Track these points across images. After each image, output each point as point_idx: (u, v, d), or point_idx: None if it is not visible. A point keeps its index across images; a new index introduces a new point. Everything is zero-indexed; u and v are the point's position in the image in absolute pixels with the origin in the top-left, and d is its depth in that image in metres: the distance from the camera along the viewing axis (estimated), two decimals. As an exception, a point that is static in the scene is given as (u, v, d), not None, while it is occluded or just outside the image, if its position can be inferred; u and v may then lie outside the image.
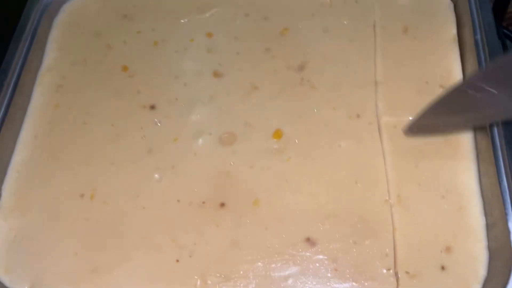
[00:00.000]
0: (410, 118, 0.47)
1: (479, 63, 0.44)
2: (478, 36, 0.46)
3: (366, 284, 0.41)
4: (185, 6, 0.57)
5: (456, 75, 0.48)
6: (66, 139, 0.51)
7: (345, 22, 0.54)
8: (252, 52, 0.54)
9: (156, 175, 0.48)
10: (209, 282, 0.42)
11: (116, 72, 0.54)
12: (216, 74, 0.53)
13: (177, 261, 0.43)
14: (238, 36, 0.55)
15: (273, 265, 0.42)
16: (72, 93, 0.54)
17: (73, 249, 0.45)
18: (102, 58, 0.55)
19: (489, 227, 0.41)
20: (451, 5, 0.52)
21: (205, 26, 0.56)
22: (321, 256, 0.42)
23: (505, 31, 0.99)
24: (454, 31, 0.50)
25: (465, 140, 0.45)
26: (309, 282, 0.41)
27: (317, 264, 0.42)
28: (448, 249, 0.41)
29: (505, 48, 0.49)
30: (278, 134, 0.49)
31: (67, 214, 0.47)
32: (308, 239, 0.43)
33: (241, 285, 0.42)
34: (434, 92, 0.48)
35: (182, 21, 0.57)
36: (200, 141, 0.49)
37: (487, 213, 0.41)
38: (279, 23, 0.55)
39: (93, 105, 0.53)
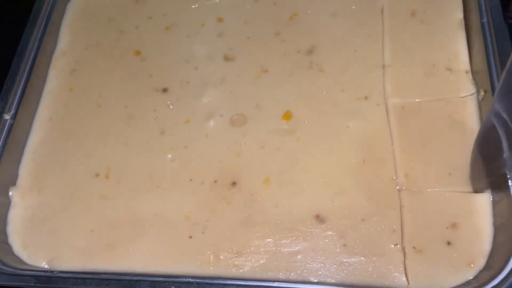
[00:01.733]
0: (417, 100, 0.48)
1: (486, 46, 0.45)
2: (485, 20, 0.46)
3: (374, 258, 0.42)
4: (196, -8, 0.58)
5: (463, 58, 0.49)
6: (81, 121, 0.52)
7: (353, 6, 0.54)
8: (262, 36, 0.55)
9: (169, 155, 0.49)
10: (221, 257, 0.43)
11: (129, 56, 0.55)
12: (227, 58, 0.54)
13: (190, 237, 0.45)
14: (248, 21, 0.56)
15: (283, 241, 0.44)
16: (85, 76, 0.55)
17: (89, 226, 0.46)
18: (115, 43, 0.57)
19: (494, 203, 0.42)
20: (458, -11, 0.53)
21: (216, 11, 0.57)
22: (330, 232, 0.44)
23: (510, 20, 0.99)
24: (460, 14, 0.51)
25: (472, 120, 0.46)
26: (319, 257, 0.43)
27: (326, 240, 0.43)
28: (454, 226, 0.42)
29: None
30: (287, 115, 0.50)
31: (82, 193, 0.48)
32: (317, 216, 0.45)
33: (253, 260, 0.43)
34: (441, 75, 0.49)
35: (193, 6, 0.58)
36: (212, 122, 0.50)
37: (493, 191, 0.42)
38: (288, 8, 0.56)
39: (107, 88, 0.54)
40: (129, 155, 0.49)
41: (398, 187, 0.45)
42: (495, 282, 0.37)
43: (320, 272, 0.42)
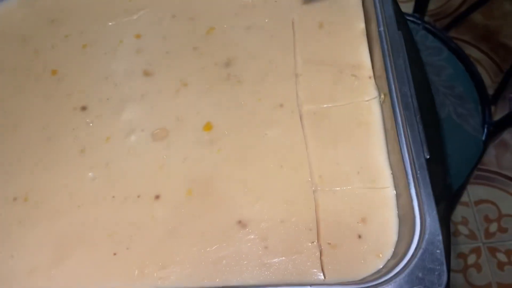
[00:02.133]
0: (328, 105, 0.52)
1: (383, 52, 0.50)
2: (381, 28, 0.51)
3: (293, 257, 0.44)
4: (113, 9, 0.59)
5: (365, 65, 0.53)
6: (-4, 144, 0.51)
7: (266, 20, 0.57)
8: (180, 51, 0.56)
9: (90, 174, 0.49)
10: (146, 271, 0.44)
11: (45, 77, 0.55)
12: (146, 73, 0.55)
13: (115, 254, 0.45)
14: (166, 36, 0.57)
15: (208, 249, 0.45)
16: (2, 99, 0.54)
17: (8, 252, 0.45)
18: (30, 64, 0.56)
19: (397, 197, 0.46)
20: (360, 2, 0.57)
21: (133, 28, 0.58)
22: (252, 236, 0.45)
23: (427, 26, 1.08)
24: (362, 25, 0.55)
25: (375, 121, 0.50)
26: (242, 261, 0.44)
27: (249, 244, 0.45)
28: (363, 220, 0.46)
29: (409, 38, 0.55)
30: (208, 126, 0.51)
31: (0, 218, 0.47)
32: (239, 222, 0.46)
33: (177, 271, 0.44)
34: (347, 81, 0.53)
35: (110, 23, 0.58)
36: (133, 138, 0.51)
37: (395, 184, 0.46)
38: (205, 23, 0.58)
39: (24, 110, 0.53)
40: (48, 177, 0.49)
41: (313, 188, 0.47)
42: (399, 268, 0.41)
43: (243, 275, 0.44)
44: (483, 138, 0.98)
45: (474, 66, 1.08)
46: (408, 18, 1.09)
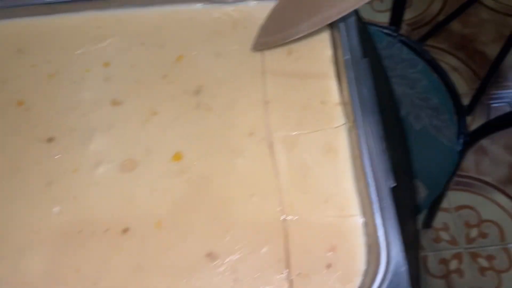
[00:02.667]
0: (297, 132, 0.52)
1: (349, 80, 0.50)
2: (347, 57, 0.51)
3: (263, 290, 0.44)
4: (80, 38, 0.58)
5: (333, 92, 0.54)
6: (-41, 179, 0.50)
7: (235, 47, 0.57)
8: (149, 79, 0.56)
9: (56, 208, 0.48)
10: (114, 308, 0.43)
11: (11, 108, 0.54)
12: (115, 103, 0.54)
13: (82, 291, 0.44)
14: (135, 64, 0.57)
15: (177, 284, 0.45)
16: (-36, 131, 0.53)
17: (-30, 293, 0.44)
18: (-4, 94, 0.55)
19: (365, 225, 0.46)
20: (328, 29, 0.58)
21: (102, 56, 0.57)
22: (221, 269, 0.45)
23: (402, 38, 1.10)
24: (330, 52, 0.56)
25: (343, 149, 0.50)
26: (212, 295, 0.44)
27: (219, 277, 0.45)
28: (332, 249, 0.46)
29: (377, 62, 0.55)
30: (177, 156, 0.51)
31: (-38, 258, 0.46)
32: (209, 254, 0.46)
33: (146, 307, 0.43)
34: (316, 108, 0.53)
35: (77, 52, 0.57)
36: (101, 169, 0.50)
37: (363, 212, 0.47)
38: (174, 50, 0.57)
39: (-12, 143, 0.52)
40: (14, 212, 0.48)
41: (283, 218, 0.48)
42: (366, 298, 0.41)
43: (213, 310, 0.43)
44: (459, 148, 0.99)
45: (449, 77, 1.10)
46: (384, 31, 1.11)
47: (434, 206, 1.27)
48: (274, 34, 0.50)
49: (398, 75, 1.05)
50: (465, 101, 1.07)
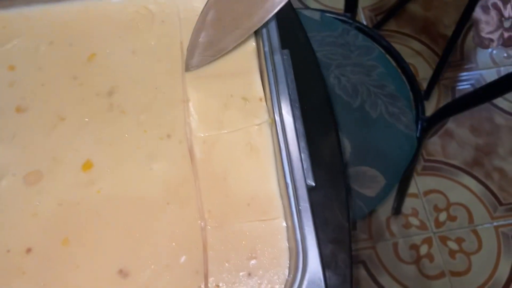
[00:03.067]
0: (218, 132, 0.48)
1: (268, 74, 0.47)
2: (267, 48, 0.48)
3: (178, 306, 0.41)
4: (-18, 39, 0.53)
5: (256, 87, 0.50)
6: None
7: (152, 42, 0.53)
8: (58, 82, 0.51)
9: (-50, 230, 0.44)
10: (13, 337, 0.40)
11: None
12: (19, 109, 0.50)
13: (-22, 321, 0.40)
14: (42, 66, 0.52)
15: (85, 305, 0.41)
16: None
17: None
18: None
19: (287, 229, 0.43)
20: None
21: (7, 59, 0.52)
22: (134, 286, 0.42)
23: (358, 24, 1.07)
24: (253, 44, 0.52)
25: (266, 147, 0.47)
26: (122, 316, 0.41)
27: (132, 295, 0.42)
28: (254, 256, 0.43)
29: (308, 52, 0.52)
30: (87, 165, 0.47)
31: None
32: (120, 271, 0.42)
33: (49, 333, 0.40)
34: (238, 104, 0.50)
35: (-21, 56, 0.53)
36: (3, 183, 0.46)
37: (285, 215, 0.44)
38: (85, 48, 0.53)
39: None
40: None
41: (201, 226, 0.44)
42: (287, 308, 0.38)
43: (124, 332, 0.40)
44: (417, 134, 0.98)
45: (406, 63, 1.08)
46: (339, 17, 1.08)
47: (402, 192, 1.26)
48: (202, 53, 0.49)
49: (353, 63, 1.03)
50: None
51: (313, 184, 0.41)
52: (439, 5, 1.71)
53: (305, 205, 0.40)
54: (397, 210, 1.33)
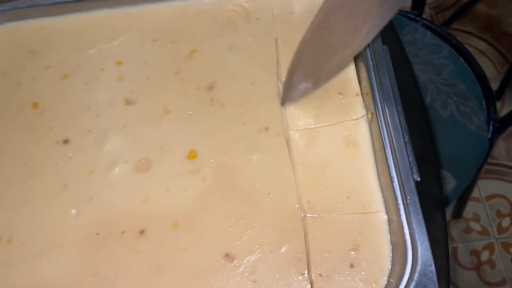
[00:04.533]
0: (314, 126, 0.50)
1: (368, 69, 0.47)
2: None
3: (283, 291, 0.43)
4: (92, 37, 0.58)
5: (352, 82, 0.51)
6: (-22, 183, 0.50)
7: (248, 39, 0.56)
8: (162, 76, 0.54)
9: (72, 211, 0.47)
10: (132, 310, 0.43)
11: (26, 110, 0.54)
12: (128, 102, 0.53)
13: (100, 294, 0.44)
14: (147, 61, 0.56)
15: (195, 285, 0.44)
16: (-18, 135, 0.53)
17: (-8, 296, 0.44)
18: (11, 97, 0.55)
19: (389, 222, 0.44)
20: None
21: (114, 55, 0.56)
22: (240, 270, 0.44)
23: (426, 22, 1.05)
24: (348, 39, 0.53)
25: (364, 142, 0.48)
26: (230, 297, 0.43)
27: (237, 278, 0.44)
28: (355, 247, 0.44)
29: (400, 50, 0.52)
30: (192, 154, 0.50)
31: (-16, 260, 0.46)
32: (227, 255, 0.45)
33: (164, 309, 0.43)
34: (334, 99, 0.51)
35: (90, 51, 0.57)
36: (116, 170, 0.50)
37: (387, 209, 0.44)
38: (186, 45, 0.56)
39: (5, 145, 0.52)
40: (31, 215, 0.48)
41: (302, 215, 0.46)
42: (393, 298, 0.39)
43: (232, 312, 0.42)
44: (489, 135, 0.95)
45: (477, 62, 1.05)
46: (406, 15, 1.06)
47: (464, 196, 1.22)
48: (298, 86, 0.49)
49: (422, 61, 1.01)
50: (495, 85, 1.02)
51: (418, 178, 0.42)
52: (504, 3, 1.64)
53: (412, 199, 0.40)
54: (457, 214, 1.29)
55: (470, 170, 0.93)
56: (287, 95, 0.50)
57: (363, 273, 0.43)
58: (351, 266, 0.43)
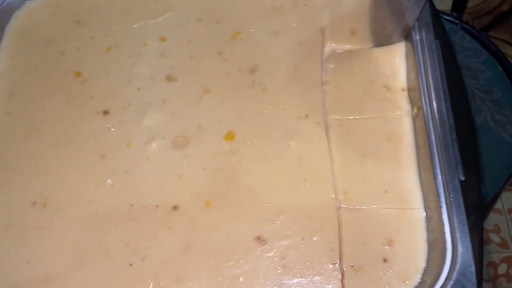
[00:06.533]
0: (356, 117, 0.49)
1: (417, 63, 0.46)
2: (417, 37, 0.47)
3: (313, 278, 0.42)
4: (138, 11, 0.58)
5: (400, 76, 0.50)
6: (18, 146, 0.51)
7: (294, 25, 0.55)
8: (204, 55, 0.54)
9: (109, 181, 0.48)
10: (161, 284, 0.43)
11: (69, 79, 0.54)
12: (169, 78, 0.53)
13: (130, 265, 0.44)
14: (190, 40, 0.56)
15: (224, 265, 0.44)
16: (24, 100, 0.54)
17: (26, 257, 0.45)
18: (55, 65, 0.55)
19: (427, 219, 0.43)
20: (395, 8, 0.54)
21: (158, 31, 0.57)
22: (270, 254, 0.44)
23: (465, 25, 1.03)
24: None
25: (407, 137, 0.47)
26: (259, 280, 0.43)
27: (268, 262, 0.43)
28: (390, 242, 0.43)
29: (448, 45, 0.51)
30: (230, 136, 0.50)
31: (19, 223, 0.47)
32: (258, 238, 0.45)
33: (193, 285, 0.43)
34: (379, 92, 0.50)
35: (135, 26, 0.57)
36: (153, 145, 0.50)
37: (426, 206, 0.43)
38: (230, 26, 0.56)
39: (46, 112, 0.53)
40: (67, 182, 0.48)
41: (337, 206, 0.45)
42: (427, 298, 0.38)
43: (260, 295, 0.42)
44: (522, 146, 0.92)
45: (515, 70, 1.02)
46: (445, 17, 1.04)
47: (488, 205, 1.20)
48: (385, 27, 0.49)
49: (459, 65, 0.99)
50: (532, 96, 0.99)
51: (463, 178, 0.41)
52: (544, 13, 1.59)
53: (456, 198, 0.39)
54: (478, 224, 1.27)
55: (499, 179, 0.91)
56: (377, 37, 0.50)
57: (396, 268, 0.42)
58: (384, 260, 0.42)
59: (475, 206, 0.46)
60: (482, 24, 1.53)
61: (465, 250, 0.38)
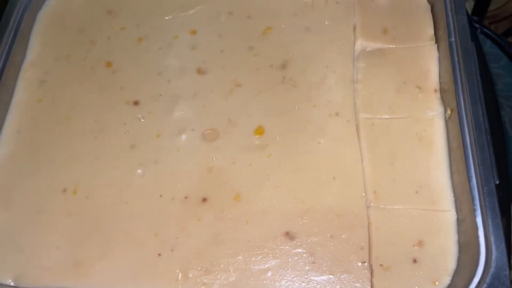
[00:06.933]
0: (387, 116, 0.49)
1: (453, 65, 0.46)
2: (453, 39, 0.47)
3: (342, 276, 0.42)
4: (170, 3, 0.58)
5: (433, 77, 0.50)
6: (49, 134, 0.51)
7: (326, 22, 0.55)
8: (235, 50, 0.54)
9: (139, 171, 0.48)
10: (190, 275, 0.43)
11: (100, 68, 0.54)
12: (200, 71, 0.54)
13: (159, 255, 0.44)
14: (221, 34, 0.56)
15: (253, 259, 0.44)
16: (55, 88, 0.54)
17: (55, 243, 0.45)
18: (86, 54, 0.56)
19: (459, 222, 0.43)
20: (429, 7, 0.53)
21: (189, 24, 0.57)
22: (299, 250, 0.44)
23: (486, 30, 1.02)
24: (431, 32, 0.52)
25: (439, 138, 0.47)
26: (288, 275, 0.43)
27: (296, 258, 0.44)
28: (420, 243, 0.43)
29: (478, 49, 0.51)
30: (260, 130, 0.50)
31: (49, 208, 0.47)
32: (287, 233, 0.45)
33: (222, 278, 0.43)
34: (411, 92, 0.50)
35: (166, 18, 0.57)
36: (183, 137, 0.50)
37: (457, 208, 0.43)
38: (262, 22, 0.56)
39: (77, 100, 0.53)
40: (98, 170, 0.49)
41: (366, 204, 0.45)
42: (458, 300, 0.38)
43: (288, 290, 0.42)
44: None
45: (536, 77, 1.01)
46: (466, 21, 1.03)
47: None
48: None
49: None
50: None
51: (498, 181, 0.40)
52: None
53: (492, 201, 0.39)
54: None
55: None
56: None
57: (425, 270, 0.42)
58: (414, 261, 0.42)
59: (505, 210, 0.46)
60: (499, 29, 1.52)
61: (499, 253, 0.37)
